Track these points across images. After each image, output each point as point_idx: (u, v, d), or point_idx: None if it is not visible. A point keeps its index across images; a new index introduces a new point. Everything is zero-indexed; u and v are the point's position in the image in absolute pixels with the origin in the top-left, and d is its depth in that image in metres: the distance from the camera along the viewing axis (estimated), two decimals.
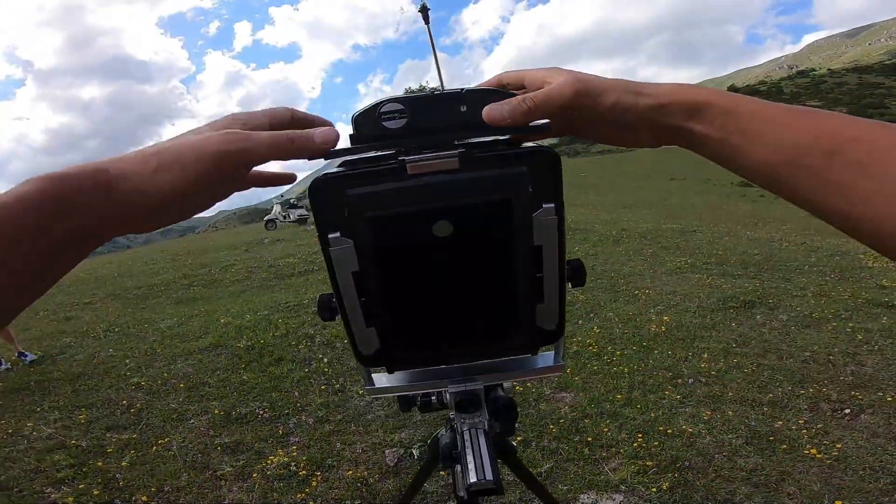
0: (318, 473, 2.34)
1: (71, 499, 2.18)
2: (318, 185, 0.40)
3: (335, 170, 0.41)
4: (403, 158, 0.39)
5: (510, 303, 0.46)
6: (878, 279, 5.28)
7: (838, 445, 2.37)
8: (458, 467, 0.67)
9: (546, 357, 0.59)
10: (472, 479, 0.53)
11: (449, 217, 0.40)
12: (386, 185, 0.39)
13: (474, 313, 0.47)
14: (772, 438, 2.46)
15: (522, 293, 0.45)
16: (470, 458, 0.55)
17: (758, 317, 4.11)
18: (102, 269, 9.07)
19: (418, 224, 0.40)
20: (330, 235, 0.41)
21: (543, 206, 0.41)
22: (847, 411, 2.70)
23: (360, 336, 0.47)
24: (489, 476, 0.53)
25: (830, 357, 3.33)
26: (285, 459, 2.43)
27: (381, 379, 0.61)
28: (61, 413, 2.96)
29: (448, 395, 0.61)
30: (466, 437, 0.58)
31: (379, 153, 0.42)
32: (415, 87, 40.77)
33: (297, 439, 2.63)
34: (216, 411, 2.92)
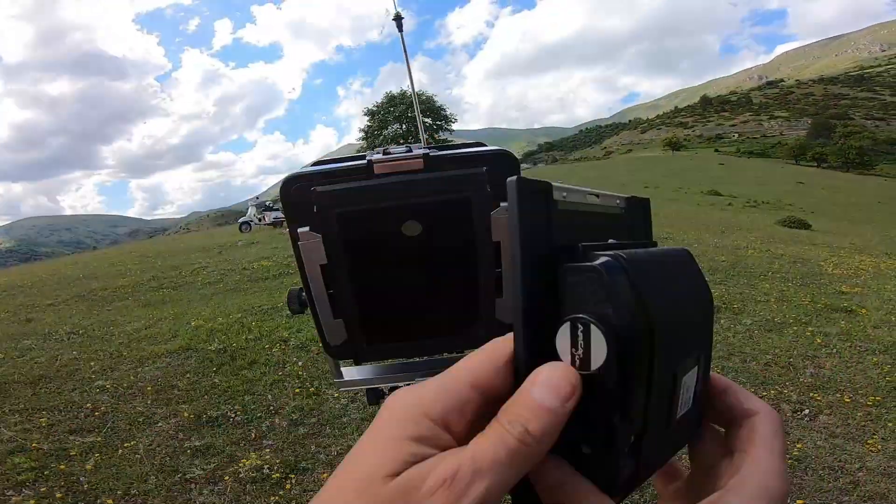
0: (293, 476, 2.31)
1: (33, 502, 2.11)
2: (289, 182, 0.42)
3: (305, 168, 0.43)
4: (370, 159, 0.41)
5: (471, 297, 0.47)
6: (837, 286, 5.54)
7: (798, 445, 2.48)
8: None
9: None
10: None
11: (414, 214, 0.42)
12: (353, 184, 0.41)
13: (437, 306, 0.48)
14: None
15: (483, 287, 0.47)
16: None
17: (723, 321, 4.25)
18: (66, 270, 8.72)
19: (384, 220, 0.42)
20: (300, 230, 0.42)
21: (501, 204, 0.43)
22: (806, 412, 2.82)
23: (327, 327, 0.48)
24: None
25: (791, 360, 3.47)
26: (258, 462, 2.39)
27: (351, 372, 0.62)
28: (21, 416, 2.85)
29: None
30: None
31: (350, 155, 0.44)
32: (395, 91, 40.70)
33: (270, 442, 2.59)
34: (186, 414, 2.85)
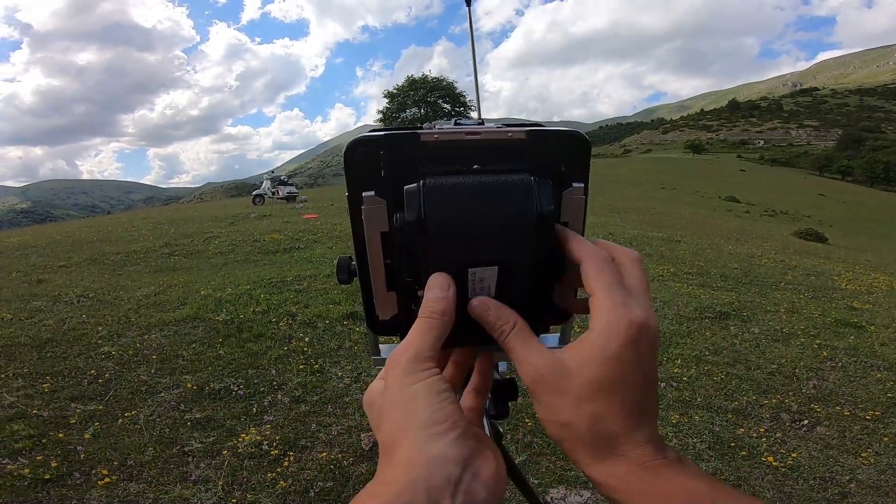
0: (291, 454, 2.34)
1: (27, 471, 2.11)
2: (355, 145, 0.41)
3: (373, 132, 0.42)
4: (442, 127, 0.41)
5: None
6: (849, 300, 5.45)
7: (793, 455, 2.47)
8: None
9: (551, 339, 0.60)
10: None
11: None
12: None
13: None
14: (733, 444, 2.54)
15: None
16: None
17: (731, 328, 4.22)
18: (80, 233, 8.85)
19: None
20: (365, 193, 0.41)
21: (573, 185, 0.42)
22: (805, 422, 2.81)
23: (379, 299, 0.47)
24: None
25: (795, 371, 3.44)
26: (258, 438, 2.42)
27: (388, 350, 0.61)
28: (25, 380, 2.87)
29: None
30: None
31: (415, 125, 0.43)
32: (417, 76, 40.42)
33: (271, 418, 2.62)
34: (189, 385, 2.89)
